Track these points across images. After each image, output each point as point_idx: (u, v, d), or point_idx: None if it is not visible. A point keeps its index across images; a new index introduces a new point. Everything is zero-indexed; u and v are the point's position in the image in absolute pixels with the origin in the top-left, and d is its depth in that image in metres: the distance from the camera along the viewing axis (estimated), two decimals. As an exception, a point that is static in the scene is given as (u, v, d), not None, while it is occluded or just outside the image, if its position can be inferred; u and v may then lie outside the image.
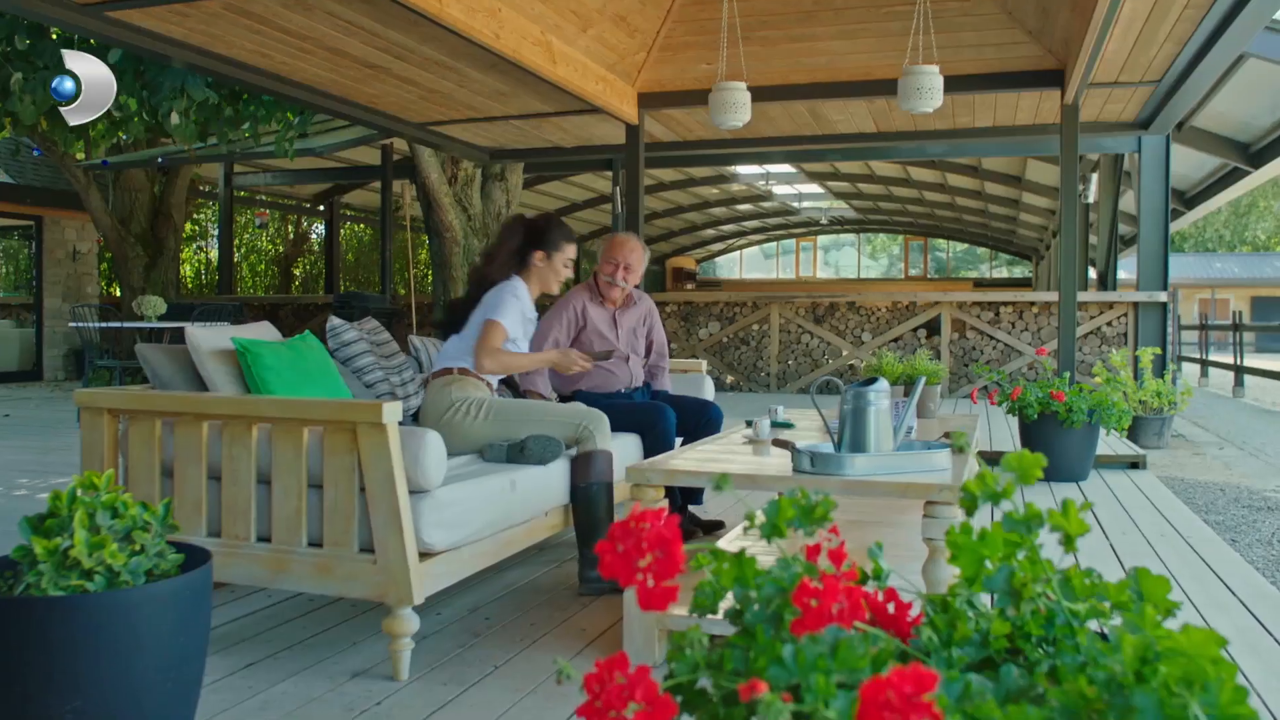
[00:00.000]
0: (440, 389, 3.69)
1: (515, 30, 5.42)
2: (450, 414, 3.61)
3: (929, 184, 18.76)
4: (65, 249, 13.94)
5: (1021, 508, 1.06)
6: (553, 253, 3.92)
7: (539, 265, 3.91)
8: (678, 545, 1.00)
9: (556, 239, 3.92)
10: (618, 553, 1.04)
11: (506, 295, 3.78)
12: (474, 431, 3.60)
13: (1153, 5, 5.12)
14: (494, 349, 3.68)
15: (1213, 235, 43.11)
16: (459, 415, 3.61)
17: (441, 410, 3.63)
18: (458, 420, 3.61)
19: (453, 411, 3.61)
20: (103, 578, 2.05)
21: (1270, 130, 9.75)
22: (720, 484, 1.10)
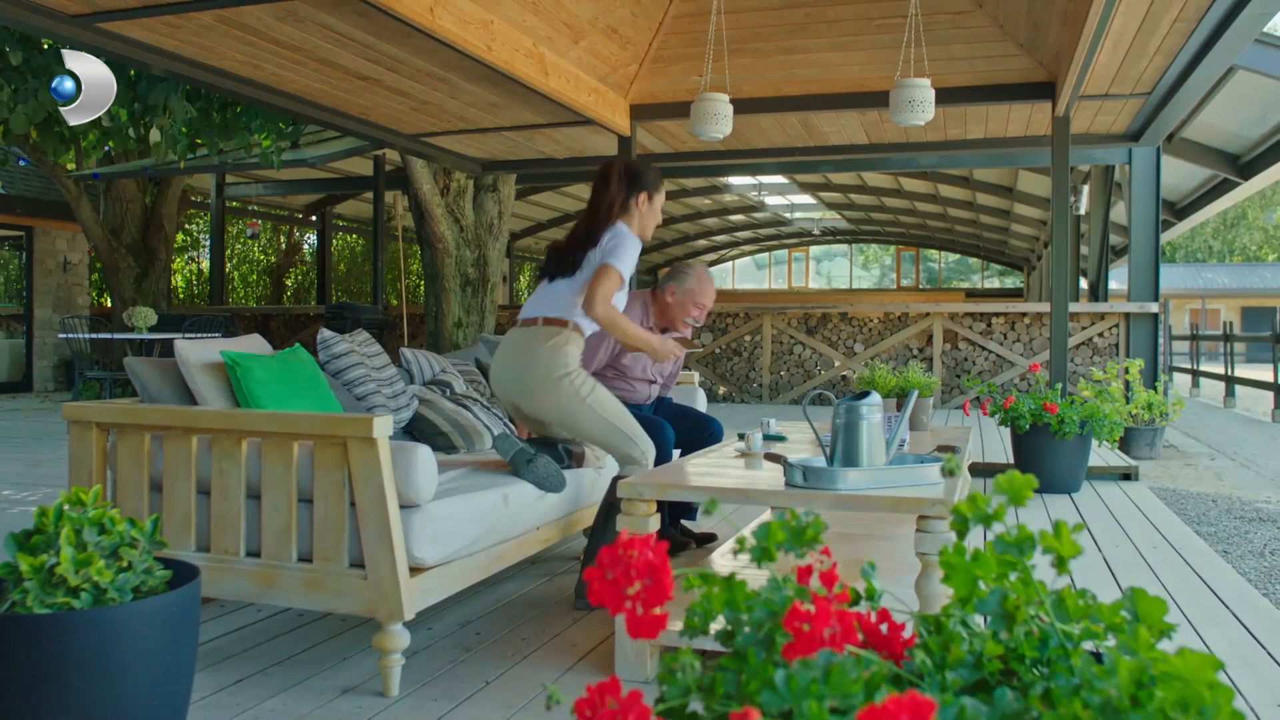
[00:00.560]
0: (558, 345, 3.44)
1: (507, 42, 5.42)
2: (564, 380, 3.42)
3: (921, 195, 18.82)
4: (56, 259, 13.90)
5: (1014, 528, 1.05)
6: (654, 194, 3.70)
7: (642, 209, 3.66)
8: (667, 574, 0.99)
9: (655, 180, 3.72)
10: (606, 580, 1.03)
11: (629, 242, 3.49)
12: (570, 407, 3.44)
13: (1142, 19, 5.14)
14: (608, 297, 3.38)
15: (1201, 245, 43.28)
16: (571, 384, 3.43)
17: (556, 371, 3.42)
18: (566, 388, 3.42)
19: (569, 379, 3.43)
20: (89, 595, 2.03)
21: (1260, 142, 9.80)
22: (709, 508, 1.09)
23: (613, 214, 3.57)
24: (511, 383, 3.52)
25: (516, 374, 3.49)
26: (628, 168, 3.67)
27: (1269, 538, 5.76)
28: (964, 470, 3.64)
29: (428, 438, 3.98)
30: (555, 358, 3.43)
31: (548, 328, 3.47)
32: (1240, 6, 4.63)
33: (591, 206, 3.62)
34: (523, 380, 3.47)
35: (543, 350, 3.44)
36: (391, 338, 12.67)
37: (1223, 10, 4.80)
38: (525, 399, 3.50)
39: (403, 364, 4.42)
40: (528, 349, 3.47)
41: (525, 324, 3.52)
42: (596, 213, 3.58)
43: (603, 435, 3.49)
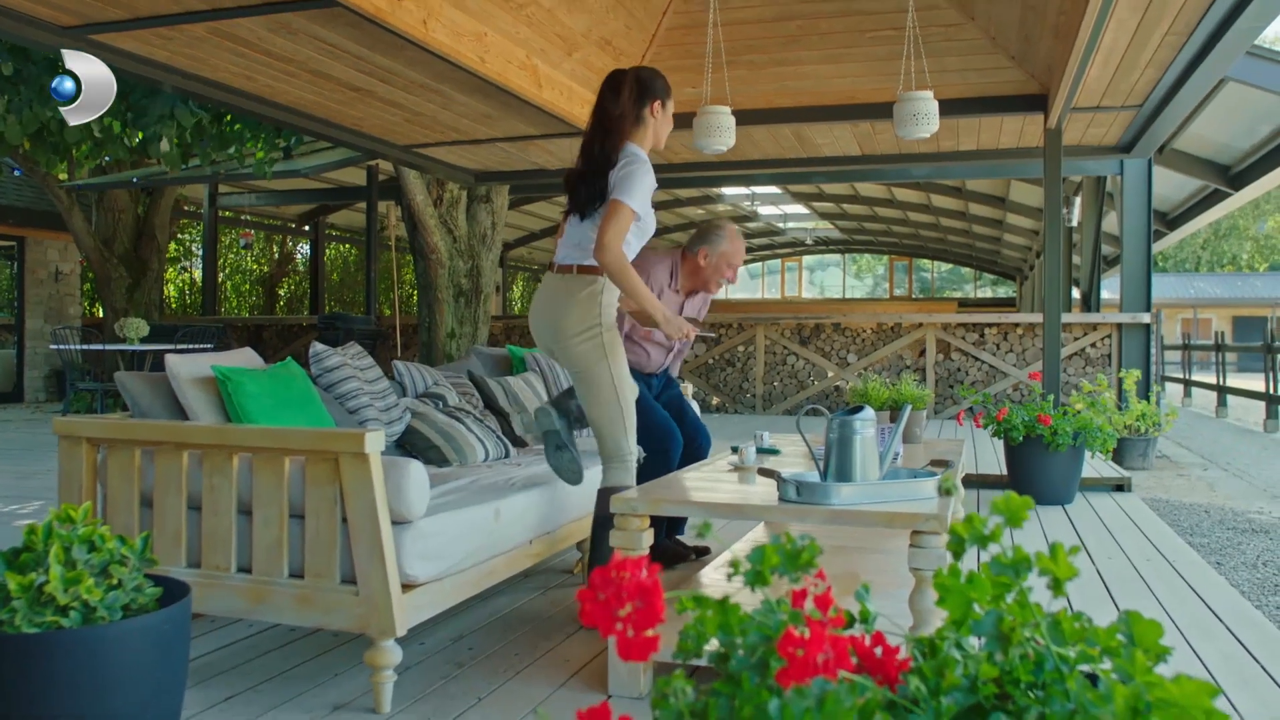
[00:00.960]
0: (593, 294, 3.32)
1: (501, 54, 5.42)
2: (592, 333, 3.31)
3: (913, 204, 18.87)
4: (47, 269, 13.86)
5: (1010, 549, 1.05)
6: (667, 100, 3.49)
7: (657, 117, 3.45)
8: (658, 596, 0.99)
9: (666, 86, 3.50)
10: (598, 601, 1.02)
11: (640, 170, 3.28)
12: (592, 366, 3.33)
13: (1134, 33, 5.16)
14: (620, 235, 3.19)
15: (1190, 255, 43.44)
16: (598, 340, 3.32)
17: (588, 322, 3.31)
18: (593, 342, 3.31)
19: (599, 333, 3.32)
20: (78, 613, 2.02)
21: (1250, 153, 9.84)
22: (703, 531, 1.09)
23: (624, 127, 3.36)
24: (545, 330, 3.42)
25: (550, 322, 3.38)
26: (639, 75, 3.45)
27: (1261, 549, 5.77)
28: (958, 485, 3.64)
29: (420, 451, 3.97)
30: (589, 309, 3.32)
31: (582, 276, 3.34)
32: (1230, 21, 4.65)
33: (600, 121, 3.40)
34: (555, 328, 3.37)
35: (577, 300, 3.33)
36: (384, 348, 12.65)
37: (1213, 24, 4.83)
38: (558, 347, 3.39)
39: (395, 376, 4.41)
40: (561, 297, 3.36)
41: (561, 270, 3.40)
42: (608, 127, 3.37)
43: (605, 412, 3.36)
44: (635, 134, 3.40)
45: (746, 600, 1.11)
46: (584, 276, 3.33)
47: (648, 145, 3.45)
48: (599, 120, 3.40)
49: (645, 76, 3.45)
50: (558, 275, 3.40)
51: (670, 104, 3.51)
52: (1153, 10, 4.82)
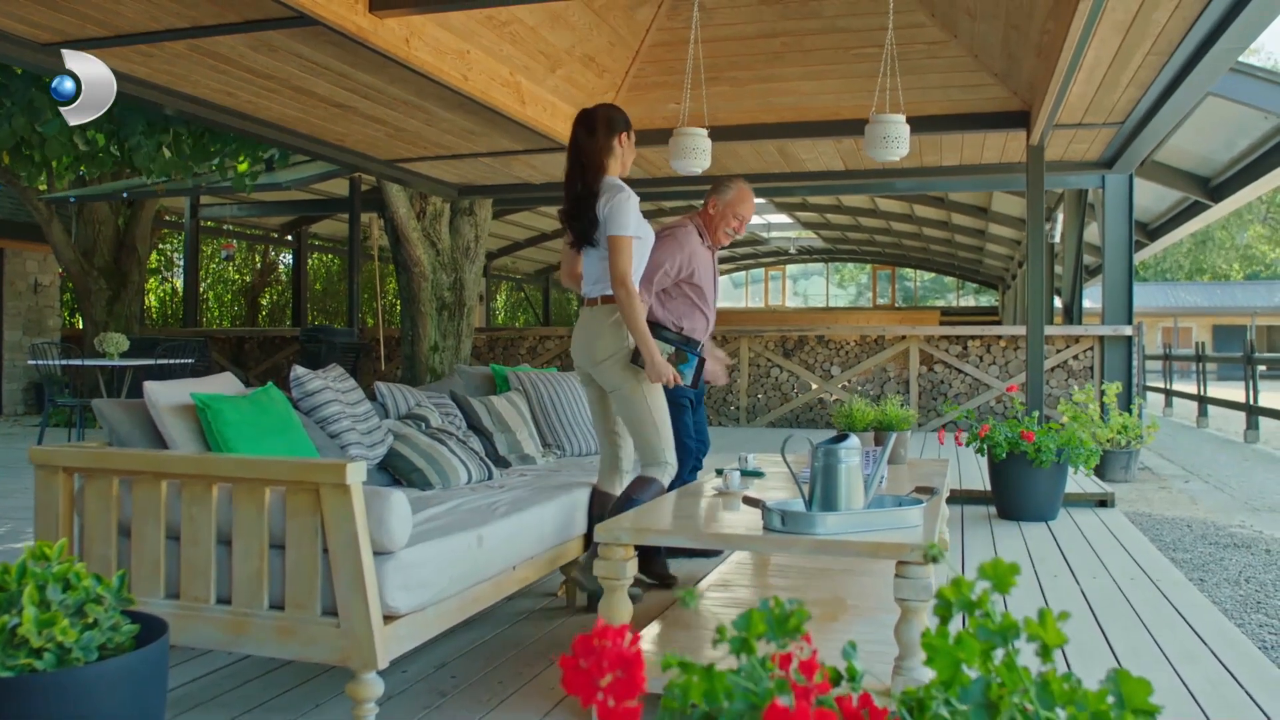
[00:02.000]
0: (617, 321, 3.72)
1: (484, 71, 5.40)
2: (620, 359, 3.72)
3: (896, 214, 18.91)
4: (26, 281, 13.73)
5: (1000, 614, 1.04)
6: (630, 132, 3.88)
7: (624, 146, 3.83)
8: (639, 666, 0.97)
9: (627, 119, 3.89)
10: (579, 670, 1.00)
11: (619, 201, 3.65)
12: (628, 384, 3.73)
13: (1116, 52, 5.18)
14: (627, 272, 3.61)
15: (1172, 265, 43.74)
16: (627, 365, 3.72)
17: (616, 345, 3.72)
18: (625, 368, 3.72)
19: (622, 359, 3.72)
20: (53, 655, 1.98)
21: (1229, 166, 9.91)
22: (686, 600, 1.07)
23: (601, 159, 3.73)
24: (583, 355, 3.84)
25: (585, 348, 3.80)
26: (607, 113, 3.82)
27: (1243, 564, 5.79)
28: (941, 504, 3.64)
29: (403, 474, 3.94)
30: (618, 334, 3.73)
31: (607, 306, 3.75)
32: (1211, 41, 4.68)
33: (578, 158, 3.76)
34: (591, 353, 3.78)
35: (606, 327, 3.74)
36: (368, 361, 12.59)
37: (1194, 45, 4.85)
38: (595, 370, 3.80)
39: (378, 398, 4.38)
40: (594, 326, 3.78)
41: (589, 303, 3.82)
42: (584, 161, 3.74)
43: (642, 423, 3.77)
44: (609, 165, 3.76)
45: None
46: (608, 306, 3.75)
47: (619, 172, 3.83)
48: (577, 157, 3.77)
49: (611, 113, 3.84)
50: (588, 308, 3.82)
51: (632, 134, 3.89)
52: (1135, 30, 4.85)
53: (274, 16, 4.43)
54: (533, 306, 28.44)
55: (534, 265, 24.66)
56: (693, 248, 4.57)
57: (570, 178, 3.78)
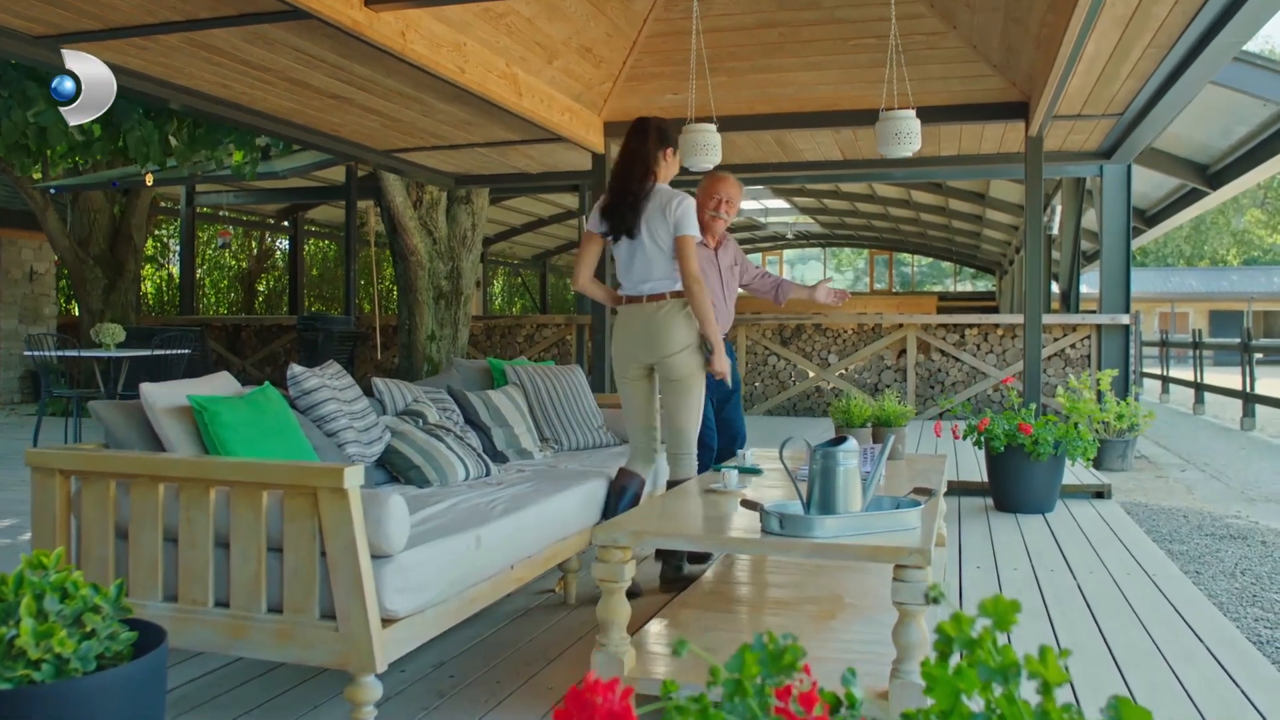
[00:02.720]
0: (686, 316, 3.95)
1: (480, 64, 5.37)
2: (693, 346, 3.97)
3: (894, 200, 18.87)
4: (22, 269, 13.67)
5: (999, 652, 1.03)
6: (675, 149, 4.11)
7: (668, 160, 4.05)
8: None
9: (675, 135, 4.16)
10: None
11: (689, 205, 3.92)
12: (688, 370, 3.97)
13: (1115, 44, 5.16)
14: (698, 269, 3.91)
15: (1173, 250, 43.72)
16: (697, 354, 3.99)
17: (689, 337, 3.96)
18: (695, 358, 3.98)
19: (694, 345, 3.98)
20: (51, 666, 1.98)
21: (1227, 153, 9.88)
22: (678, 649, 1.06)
23: (650, 166, 3.97)
24: (647, 350, 4.00)
25: (653, 342, 3.97)
26: (658, 124, 4.08)
27: (1239, 556, 5.80)
28: (939, 504, 3.64)
29: (400, 471, 3.94)
30: (691, 326, 3.97)
31: (677, 300, 3.97)
32: (1211, 35, 4.66)
33: (628, 160, 4.00)
34: (659, 346, 3.96)
35: (679, 319, 3.96)
36: (365, 349, 12.57)
37: (1194, 38, 4.83)
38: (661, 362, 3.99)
39: (375, 394, 4.37)
40: (663, 319, 3.95)
41: (653, 299, 3.97)
42: (638, 163, 3.98)
43: (690, 413, 4.04)
44: (658, 172, 4.01)
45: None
46: (676, 300, 3.97)
47: (665, 181, 4.07)
48: (628, 158, 4.01)
49: (663, 125, 4.11)
50: (648, 304, 3.98)
51: (678, 151, 4.15)
52: (1135, 24, 4.83)
53: (269, 10, 4.41)
54: (530, 292, 28.40)
55: (531, 250, 24.59)
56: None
57: (621, 175, 4.00)
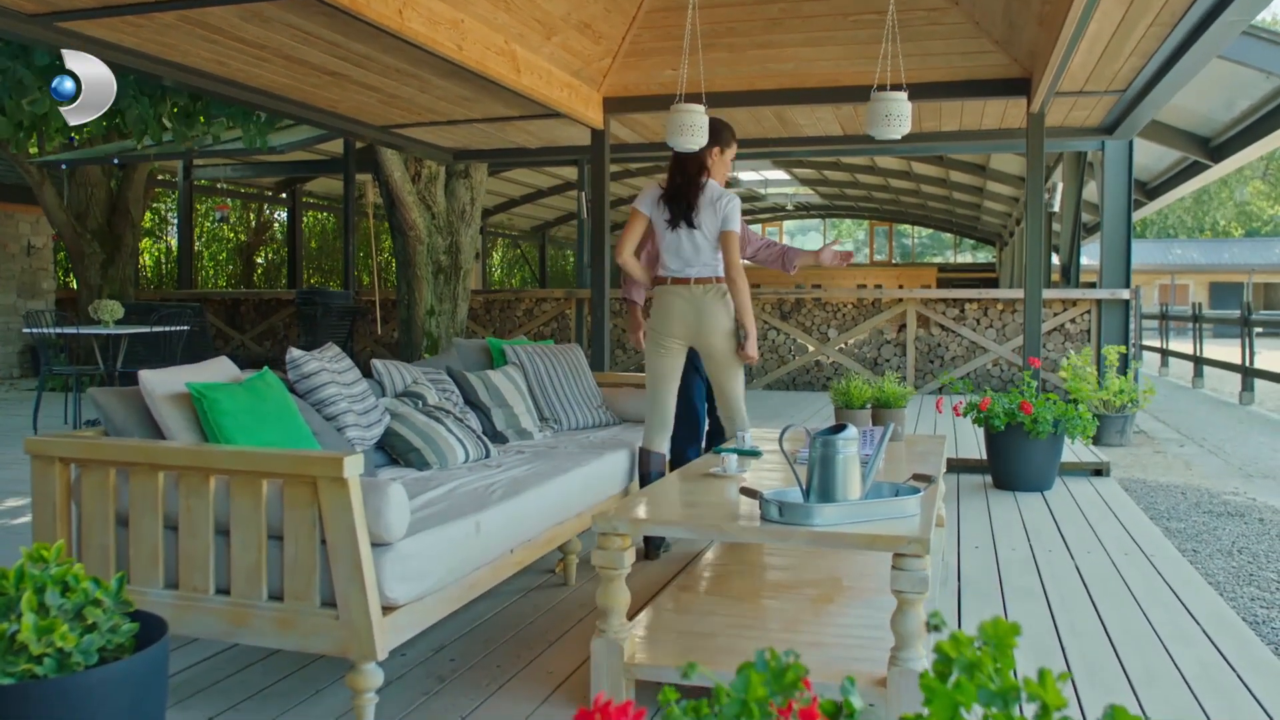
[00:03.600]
0: (727, 302, 4.29)
1: (479, 40, 5.33)
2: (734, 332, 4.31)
3: (894, 171, 18.81)
4: (19, 243, 13.63)
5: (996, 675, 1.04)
6: (725, 148, 4.40)
7: (714, 159, 4.36)
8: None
9: (729, 136, 4.43)
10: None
11: (736, 203, 4.25)
12: (729, 357, 4.32)
13: (1119, 22, 5.11)
14: (740, 262, 4.27)
15: (1174, 221, 43.58)
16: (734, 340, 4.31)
17: (726, 323, 4.30)
18: (732, 344, 4.30)
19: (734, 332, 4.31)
20: (53, 660, 1.99)
21: (1229, 126, 9.83)
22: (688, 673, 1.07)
23: (704, 165, 4.31)
24: (690, 329, 4.34)
25: (698, 322, 4.30)
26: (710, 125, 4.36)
27: (1236, 534, 5.83)
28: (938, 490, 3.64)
29: (400, 453, 3.95)
30: (731, 309, 4.30)
31: (722, 284, 4.30)
32: (1216, 13, 4.61)
33: (684, 157, 4.34)
34: (711, 327, 4.30)
35: (725, 304, 4.30)
36: (364, 324, 12.56)
37: (1198, 16, 4.79)
38: (707, 342, 4.33)
39: (374, 375, 4.36)
40: (710, 302, 4.29)
41: (700, 281, 4.29)
42: (688, 163, 4.33)
43: (738, 390, 4.40)
44: (711, 169, 4.34)
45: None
46: (722, 284, 4.30)
47: (716, 178, 4.38)
48: (683, 156, 4.34)
49: (715, 127, 4.39)
50: (695, 285, 4.29)
51: (730, 150, 4.44)
52: (1139, 1, 4.78)
53: (264, -12, 4.37)
54: (529, 264, 28.33)
55: (530, 222, 24.51)
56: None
57: (676, 167, 4.33)
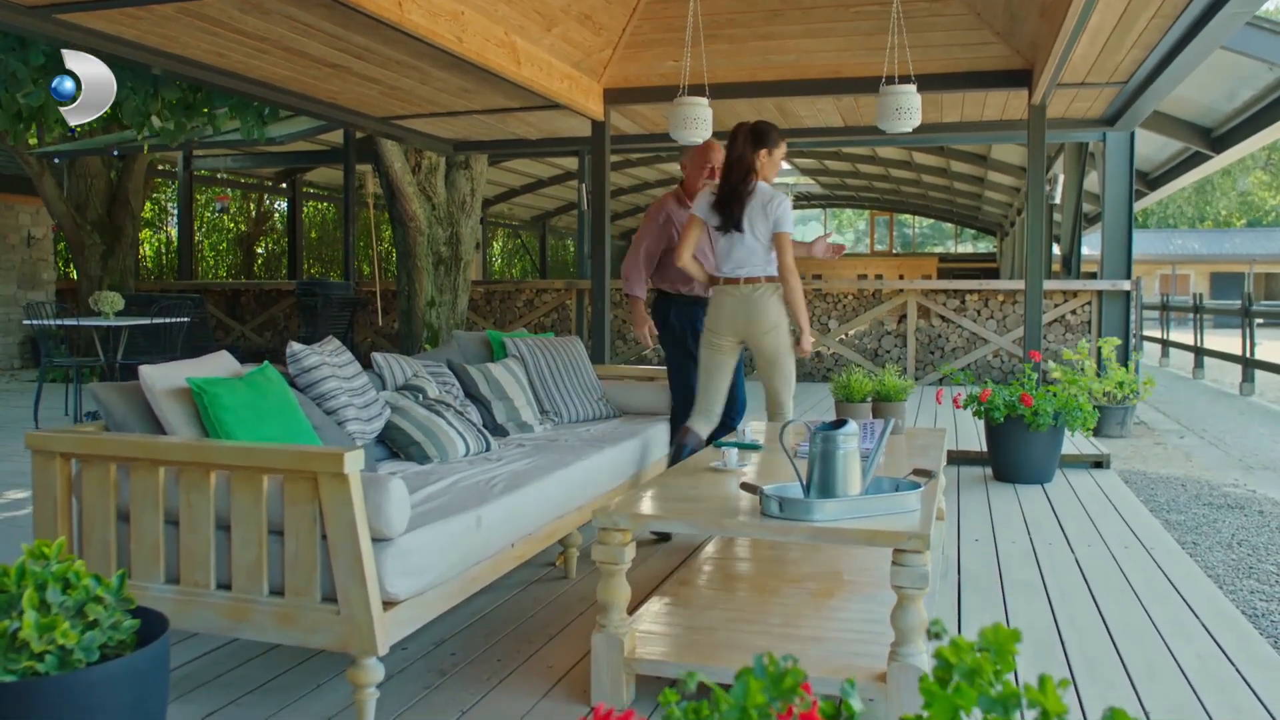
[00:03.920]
0: (777, 299, 4.46)
1: (479, 33, 5.31)
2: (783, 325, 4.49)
3: (895, 161, 18.78)
4: (19, 234, 13.61)
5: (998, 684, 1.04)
6: (773, 149, 4.50)
7: (763, 161, 4.47)
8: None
9: (774, 138, 4.52)
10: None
11: (787, 205, 4.42)
12: (781, 349, 4.50)
13: (1121, 14, 5.10)
14: (793, 262, 4.43)
15: (1175, 211, 43.51)
16: (785, 334, 4.50)
17: (774, 320, 4.47)
18: (782, 336, 4.48)
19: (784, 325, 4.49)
20: (54, 657, 1.99)
21: (1231, 116, 9.81)
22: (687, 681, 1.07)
23: (745, 169, 4.43)
24: (739, 327, 4.53)
25: (747, 320, 4.49)
26: (751, 130, 4.49)
27: (1236, 527, 5.83)
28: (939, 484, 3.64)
29: (401, 447, 3.95)
30: (777, 310, 4.47)
31: (771, 284, 4.46)
32: (1219, 5, 4.60)
33: (730, 161, 4.46)
34: (760, 324, 4.47)
35: (771, 302, 4.47)
36: (364, 314, 12.55)
37: (1200, 8, 4.78)
38: (754, 340, 4.52)
39: (374, 369, 4.36)
40: (757, 301, 4.46)
41: (749, 281, 4.46)
42: (736, 169, 4.44)
43: (785, 384, 4.58)
44: (759, 172, 4.45)
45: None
46: (772, 284, 4.45)
47: (767, 178, 4.51)
48: (732, 163, 4.47)
49: (758, 129, 4.50)
50: (744, 285, 4.46)
51: (778, 150, 4.52)
52: (1140, -8, 4.78)
53: (264, -20, 4.35)
54: (529, 253, 28.31)
55: (530, 212, 24.48)
56: (667, 216, 4.94)
57: (725, 173, 4.49)
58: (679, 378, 5.01)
